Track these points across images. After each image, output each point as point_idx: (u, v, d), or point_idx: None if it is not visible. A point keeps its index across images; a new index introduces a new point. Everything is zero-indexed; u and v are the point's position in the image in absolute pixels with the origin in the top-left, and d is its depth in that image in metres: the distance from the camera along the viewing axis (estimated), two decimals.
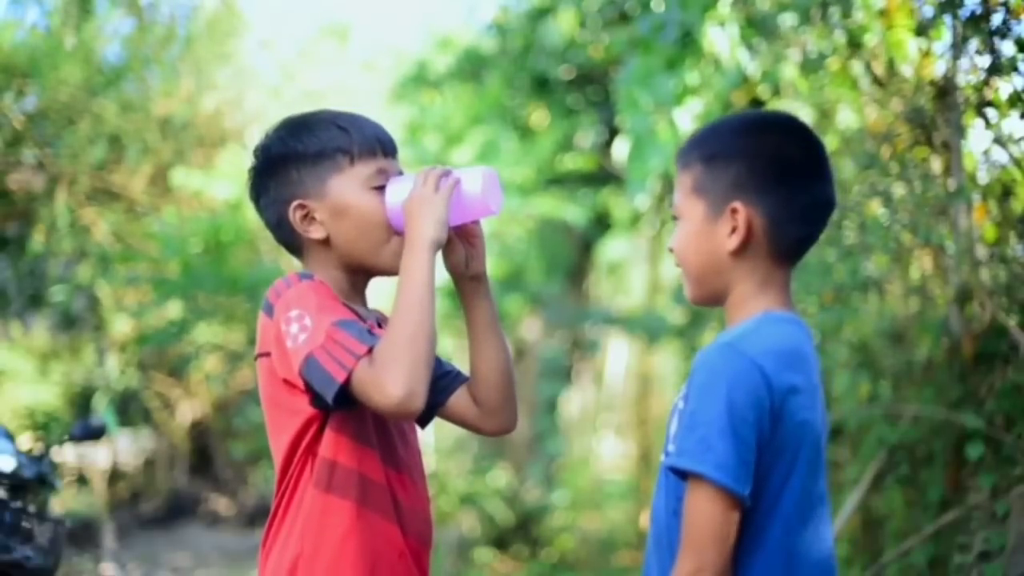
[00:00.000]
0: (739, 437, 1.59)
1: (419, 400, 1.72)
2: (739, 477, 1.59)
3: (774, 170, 1.73)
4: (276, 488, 1.89)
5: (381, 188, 1.89)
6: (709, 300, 1.79)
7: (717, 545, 1.59)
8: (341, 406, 1.75)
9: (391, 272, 1.92)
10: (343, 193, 1.87)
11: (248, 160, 1.99)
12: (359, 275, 1.93)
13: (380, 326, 1.96)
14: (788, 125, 1.82)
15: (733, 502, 1.59)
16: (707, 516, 1.59)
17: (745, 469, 1.59)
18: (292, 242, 1.93)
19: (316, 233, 1.89)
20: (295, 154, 1.89)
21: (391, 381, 1.69)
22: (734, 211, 1.71)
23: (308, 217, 1.89)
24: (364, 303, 1.96)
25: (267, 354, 1.83)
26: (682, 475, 1.64)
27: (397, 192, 1.88)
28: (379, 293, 2.16)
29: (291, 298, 1.78)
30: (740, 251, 1.72)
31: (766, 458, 1.63)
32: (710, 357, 1.65)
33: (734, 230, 1.72)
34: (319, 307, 1.76)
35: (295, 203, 1.88)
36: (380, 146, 1.92)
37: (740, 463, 1.59)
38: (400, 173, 1.95)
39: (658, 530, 1.74)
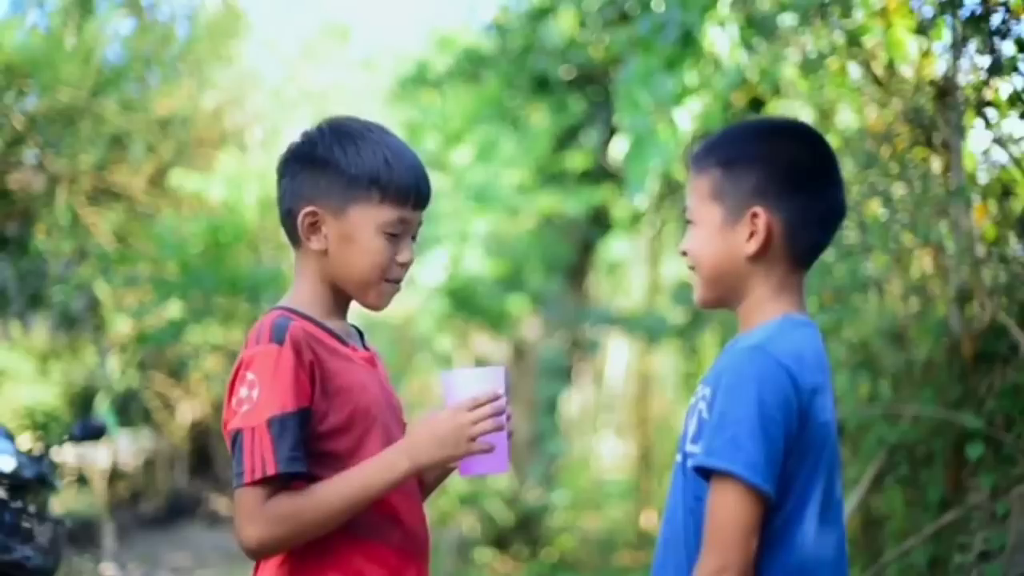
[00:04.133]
0: (769, 437, 1.60)
1: (264, 555, 1.79)
2: (767, 476, 1.60)
3: (794, 176, 1.74)
4: None
5: (394, 235, 1.88)
6: (719, 303, 1.81)
7: (742, 543, 1.60)
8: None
9: (369, 308, 1.94)
10: (358, 226, 1.86)
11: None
12: (342, 292, 1.92)
13: (364, 345, 1.97)
14: (804, 132, 1.86)
15: (760, 501, 1.60)
16: (734, 515, 1.60)
17: (773, 469, 1.61)
18: (292, 234, 1.92)
19: (316, 244, 1.88)
20: (334, 165, 1.86)
21: (258, 535, 1.74)
22: (754, 216, 1.73)
23: (315, 227, 1.87)
24: (344, 317, 1.95)
25: None
26: (705, 475, 1.64)
27: (466, 384, 1.84)
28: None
29: (255, 357, 1.78)
30: (758, 256, 1.74)
31: (793, 459, 1.64)
32: (738, 359, 1.66)
33: (752, 235, 1.73)
34: (270, 387, 1.75)
35: (309, 208, 1.87)
36: (414, 197, 1.89)
37: (769, 463, 1.60)
38: (420, 224, 1.94)
39: (674, 529, 1.75)
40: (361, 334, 2.00)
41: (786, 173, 1.74)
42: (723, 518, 1.60)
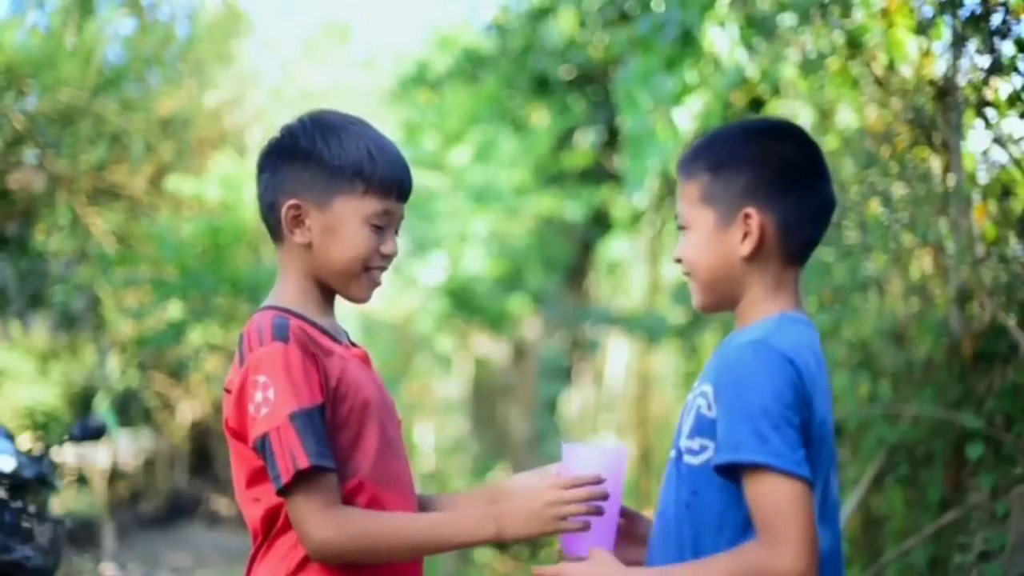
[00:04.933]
0: (791, 426, 1.60)
1: (325, 559, 1.75)
2: (802, 464, 1.58)
3: (783, 175, 1.75)
4: (255, 536, 1.85)
5: (378, 227, 1.88)
6: (719, 306, 1.81)
7: (814, 533, 1.57)
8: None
9: (353, 301, 1.93)
10: (343, 217, 1.85)
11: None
12: (327, 287, 1.91)
13: (353, 344, 1.95)
14: (790, 130, 1.85)
15: (809, 488, 1.58)
16: (791, 506, 1.57)
17: (804, 456, 1.59)
18: (275, 229, 1.91)
19: (300, 238, 1.87)
20: (317, 156, 1.86)
21: (324, 537, 1.72)
22: (747, 217, 1.73)
23: (298, 219, 1.86)
24: (331, 314, 1.94)
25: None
26: (730, 472, 1.62)
27: (580, 461, 1.84)
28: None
29: (262, 359, 1.75)
30: (753, 256, 1.74)
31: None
32: (742, 354, 1.65)
33: (746, 236, 1.73)
34: (285, 384, 1.73)
35: (292, 201, 1.86)
36: (397, 190, 1.89)
37: (798, 452, 1.59)
38: (402, 217, 1.94)
39: (666, 524, 1.75)
40: (346, 332, 1.99)
41: (776, 172, 1.74)
42: (783, 513, 1.57)
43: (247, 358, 1.77)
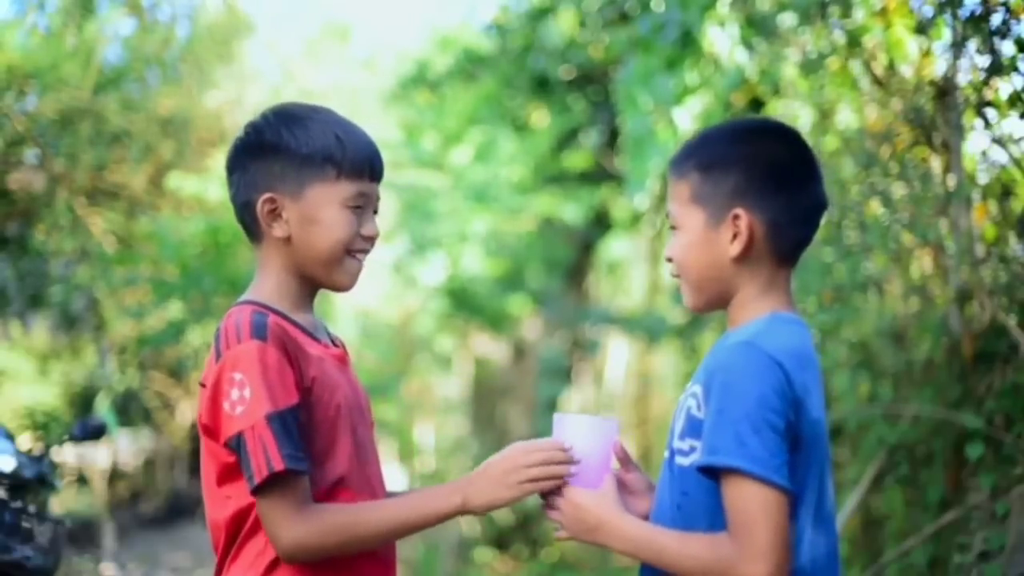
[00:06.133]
0: (773, 430, 1.60)
1: (298, 559, 1.75)
2: (780, 471, 1.59)
3: (773, 175, 1.75)
4: (217, 538, 1.83)
5: (356, 208, 1.87)
6: (710, 306, 1.81)
7: (783, 542, 1.58)
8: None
9: (339, 288, 1.92)
10: (320, 204, 1.84)
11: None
12: (308, 282, 1.90)
13: (334, 344, 1.94)
14: (781, 131, 1.85)
15: (782, 494, 1.58)
16: (763, 514, 1.57)
17: (784, 462, 1.60)
18: (252, 228, 1.89)
19: (279, 231, 1.85)
20: (284, 148, 1.84)
21: (296, 537, 1.72)
22: (736, 217, 1.73)
23: (275, 213, 1.85)
24: (310, 310, 1.92)
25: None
26: (712, 474, 1.63)
27: (567, 430, 1.85)
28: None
29: (239, 356, 1.73)
30: (742, 256, 1.74)
31: (791, 453, 1.63)
32: (731, 356, 1.65)
33: (735, 236, 1.73)
34: (261, 384, 1.71)
35: (266, 196, 1.84)
36: (369, 170, 1.88)
37: (779, 457, 1.59)
38: (378, 199, 1.93)
39: (661, 524, 1.75)
40: (326, 329, 1.96)
41: (765, 173, 1.75)
42: (757, 520, 1.57)
43: (223, 354, 1.75)
